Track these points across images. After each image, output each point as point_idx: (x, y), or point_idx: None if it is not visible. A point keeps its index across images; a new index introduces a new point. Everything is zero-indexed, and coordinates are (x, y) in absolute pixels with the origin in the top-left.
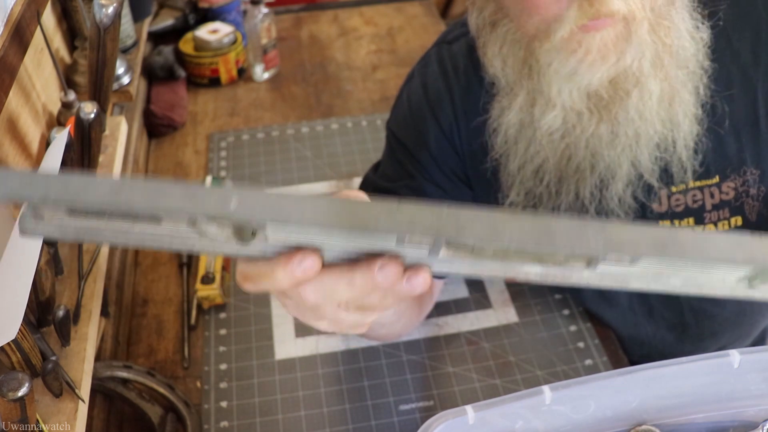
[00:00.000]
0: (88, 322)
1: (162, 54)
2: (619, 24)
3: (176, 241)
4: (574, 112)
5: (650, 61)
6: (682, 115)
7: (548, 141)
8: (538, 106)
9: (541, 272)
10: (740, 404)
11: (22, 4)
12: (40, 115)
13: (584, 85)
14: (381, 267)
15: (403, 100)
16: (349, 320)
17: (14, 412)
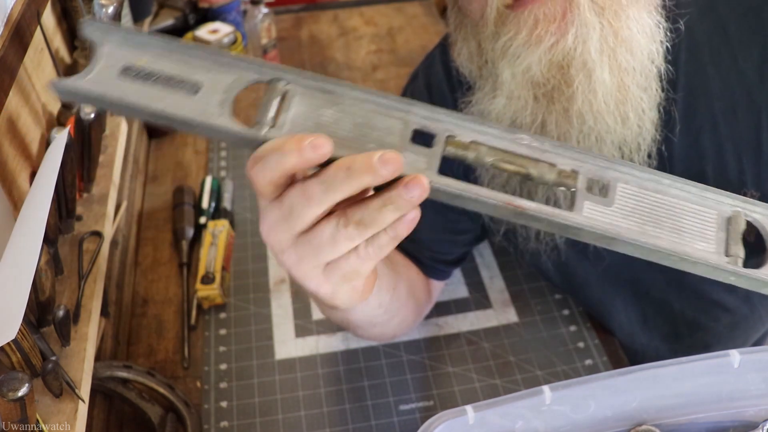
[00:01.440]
0: (88, 322)
1: None
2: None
3: (195, 116)
4: (521, 100)
5: (597, 46)
6: (637, 115)
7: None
8: (491, 93)
9: (536, 207)
10: (740, 404)
11: (22, 4)
12: (40, 115)
13: (523, 68)
14: (381, 156)
15: None
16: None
17: (14, 412)
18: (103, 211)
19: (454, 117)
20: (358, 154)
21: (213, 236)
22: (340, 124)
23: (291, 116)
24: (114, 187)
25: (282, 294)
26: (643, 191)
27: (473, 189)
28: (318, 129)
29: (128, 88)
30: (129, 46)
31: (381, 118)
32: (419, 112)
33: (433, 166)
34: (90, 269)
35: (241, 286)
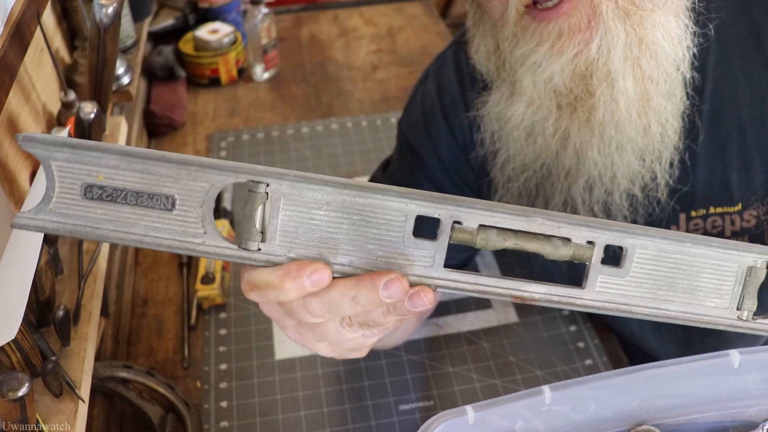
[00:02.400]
0: (88, 322)
1: (162, 54)
2: (580, 9)
3: (181, 239)
4: (543, 108)
5: (621, 55)
6: (659, 124)
7: (521, 137)
8: (510, 97)
9: (545, 292)
10: (740, 404)
11: (22, 4)
12: (40, 115)
13: (545, 78)
14: (387, 283)
15: (416, 103)
16: (351, 340)
17: (14, 412)
18: None
19: (457, 203)
20: (361, 278)
21: None
22: (334, 224)
23: (280, 224)
24: None
25: None
26: (662, 254)
27: (479, 285)
28: (312, 234)
29: (96, 213)
30: (79, 161)
31: (379, 212)
32: (420, 203)
33: (439, 261)
34: (90, 269)
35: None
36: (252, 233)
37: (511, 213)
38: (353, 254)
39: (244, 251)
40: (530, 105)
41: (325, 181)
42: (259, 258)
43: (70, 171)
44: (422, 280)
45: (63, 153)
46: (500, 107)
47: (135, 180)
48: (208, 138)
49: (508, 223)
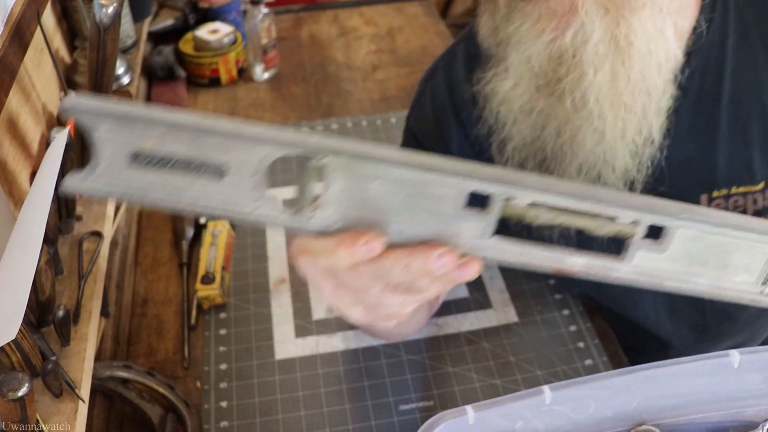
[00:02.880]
0: (88, 322)
1: (162, 54)
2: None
3: (232, 205)
4: (525, 88)
5: (594, 49)
6: (636, 120)
7: (512, 116)
8: (502, 74)
9: (584, 264)
10: (740, 404)
11: (22, 4)
12: (40, 114)
13: (525, 57)
14: (440, 255)
15: (425, 98)
16: (389, 306)
17: (14, 412)
18: (103, 211)
19: (513, 184)
20: (414, 249)
21: (213, 236)
22: (388, 196)
23: (334, 193)
24: None
25: (282, 294)
26: (702, 234)
27: (525, 254)
28: (365, 204)
29: (146, 179)
30: (128, 128)
31: (434, 187)
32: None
33: (488, 231)
34: (90, 269)
35: (241, 286)
36: (305, 201)
37: (564, 195)
38: (405, 224)
39: (297, 219)
40: (516, 85)
41: (383, 157)
42: (312, 226)
43: (116, 139)
44: (471, 251)
45: (107, 124)
46: (493, 84)
47: (184, 149)
48: None
49: (559, 202)
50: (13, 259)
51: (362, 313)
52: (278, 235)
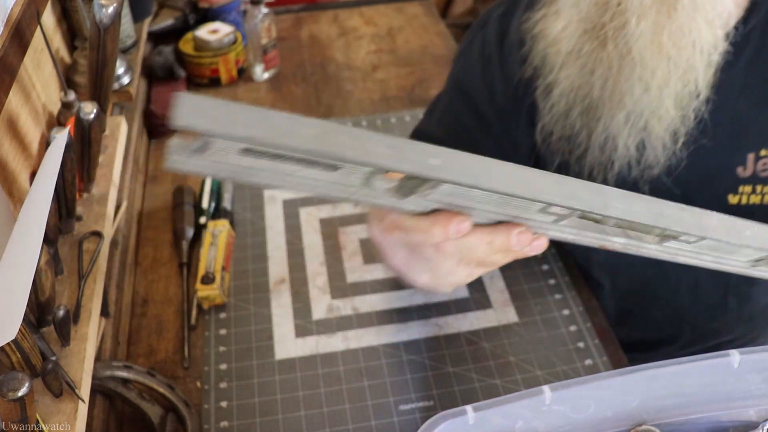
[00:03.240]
0: (88, 322)
1: (162, 54)
2: None
3: (336, 188)
4: (574, 32)
5: None
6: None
7: (560, 59)
8: (552, 15)
9: (623, 243)
10: (740, 404)
11: (21, 5)
12: (40, 115)
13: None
14: (520, 233)
15: (474, 47)
16: (457, 276)
17: (14, 412)
18: (103, 211)
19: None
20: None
21: (213, 236)
22: (483, 198)
23: (439, 193)
24: (114, 187)
25: (282, 294)
26: (722, 243)
27: (580, 235)
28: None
29: (255, 165)
30: (242, 141)
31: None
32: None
33: (558, 220)
34: (90, 269)
35: (241, 286)
36: (409, 188)
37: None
38: (488, 209)
39: (398, 200)
40: (566, 27)
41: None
42: (409, 207)
43: (233, 145)
44: (539, 231)
45: (224, 141)
46: (543, 24)
47: (301, 153)
48: None
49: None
50: (13, 259)
51: (429, 280)
52: (278, 235)
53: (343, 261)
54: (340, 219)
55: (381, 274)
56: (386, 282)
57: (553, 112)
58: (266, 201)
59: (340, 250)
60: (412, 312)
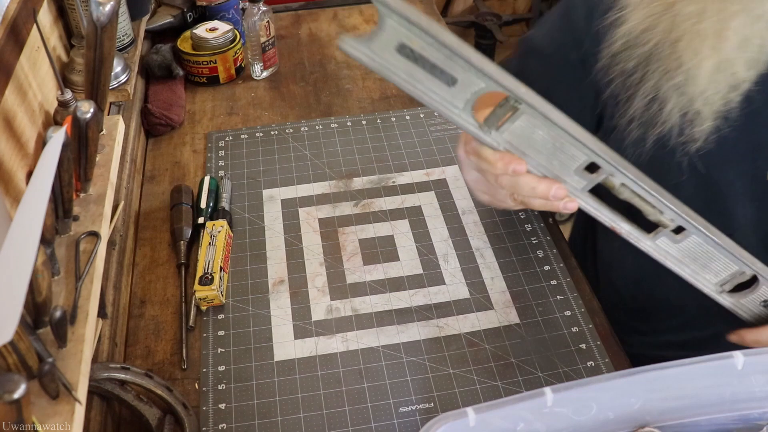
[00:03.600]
0: (84, 324)
1: (160, 52)
2: None
3: (446, 105)
4: None
5: None
6: None
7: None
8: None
9: (628, 229)
10: (744, 406)
11: (17, 3)
12: (36, 114)
13: None
14: (557, 188)
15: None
16: (509, 204)
17: (10, 415)
18: (100, 211)
19: (621, 166)
20: (542, 179)
21: (211, 236)
22: (543, 143)
23: (513, 127)
24: (111, 187)
25: (281, 295)
26: (705, 244)
27: (599, 211)
28: (527, 142)
29: (399, 64)
30: (408, 28)
31: (573, 149)
32: (601, 154)
33: (587, 187)
34: (87, 270)
35: (240, 286)
36: (494, 121)
37: (646, 190)
38: (541, 162)
39: (481, 131)
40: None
41: (557, 122)
42: (487, 139)
43: (397, 30)
44: (570, 194)
45: (397, 18)
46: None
47: (437, 57)
48: (206, 137)
49: (640, 191)
50: (10, 259)
51: (487, 199)
52: (277, 236)
53: (343, 261)
54: (339, 219)
55: (381, 275)
56: (386, 282)
57: (615, 58)
58: (265, 201)
59: (340, 251)
60: (412, 313)
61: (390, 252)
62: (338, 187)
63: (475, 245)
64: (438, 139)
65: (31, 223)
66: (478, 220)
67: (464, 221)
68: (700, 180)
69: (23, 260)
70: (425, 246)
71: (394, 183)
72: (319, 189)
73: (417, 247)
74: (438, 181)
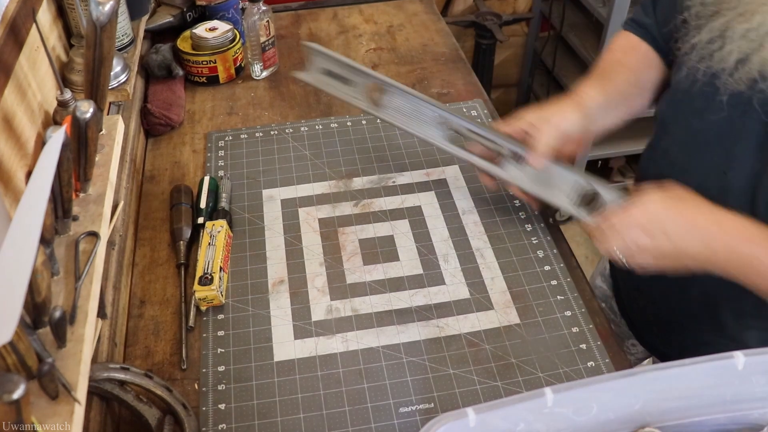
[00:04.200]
0: (84, 324)
1: (159, 52)
2: None
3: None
4: None
5: None
6: None
7: None
8: None
9: (479, 162)
10: (744, 406)
11: (17, 2)
12: (35, 113)
13: None
14: None
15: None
16: None
17: (9, 415)
18: (100, 211)
19: (458, 118)
20: None
21: (211, 236)
22: (407, 109)
23: (393, 103)
24: (111, 187)
25: (281, 295)
26: (546, 169)
27: (458, 153)
28: (400, 112)
29: (328, 81)
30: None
31: (427, 110)
32: (443, 111)
33: (445, 137)
34: (86, 270)
35: (240, 287)
36: (377, 100)
37: (479, 133)
38: (408, 124)
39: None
40: None
41: (411, 94)
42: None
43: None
44: (432, 141)
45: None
46: None
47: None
48: (205, 137)
49: (477, 131)
50: (9, 259)
51: None
52: (277, 236)
53: (343, 262)
54: (339, 219)
55: (381, 275)
56: (386, 283)
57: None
58: (265, 201)
59: (340, 251)
60: (412, 313)
61: (390, 252)
62: (338, 187)
63: (475, 245)
64: None
65: (31, 223)
66: (478, 220)
67: (464, 221)
68: (729, 119)
69: (23, 260)
70: (425, 246)
71: (394, 183)
72: (319, 189)
73: (417, 247)
74: (438, 181)
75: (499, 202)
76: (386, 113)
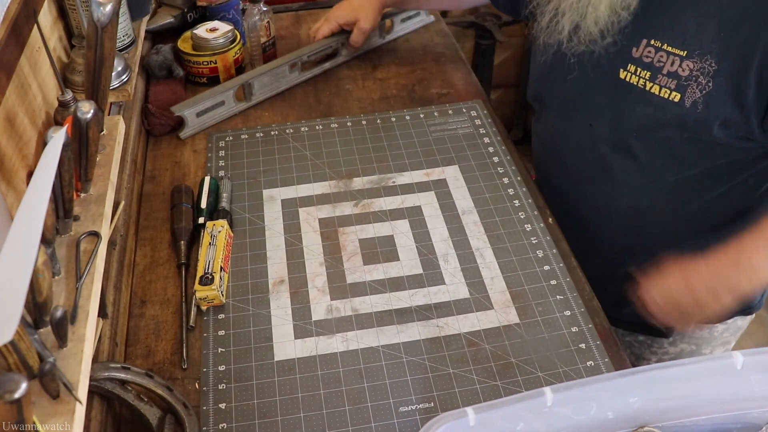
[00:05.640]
0: (85, 323)
1: (160, 53)
2: None
3: None
4: None
5: None
6: None
7: None
8: None
9: None
10: (743, 406)
11: (18, 3)
12: (37, 114)
13: None
14: None
15: None
16: None
17: (10, 414)
18: (101, 211)
19: None
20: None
21: (211, 236)
22: None
23: None
24: (112, 187)
25: (281, 295)
26: None
27: None
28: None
29: (204, 118)
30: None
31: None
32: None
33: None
34: (87, 270)
35: (240, 286)
36: None
37: None
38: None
39: None
40: None
41: None
42: None
43: (194, 112)
44: None
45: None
46: None
47: None
48: (206, 137)
49: None
50: (10, 259)
51: None
52: (277, 236)
53: (343, 261)
54: (339, 219)
55: (381, 275)
56: (386, 282)
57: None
58: (265, 201)
59: (340, 251)
60: (412, 313)
61: (390, 252)
62: (338, 187)
63: (475, 245)
64: (438, 139)
65: (32, 223)
66: (478, 220)
67: (464, 221)
68: (582, 77)
69: (24, 260)
70: (425, 246)
71: (394, 183)
72: (319, 189)
73: (417, 247)
74: (438, 181)
75: (499, 202)
76: (259, 97)
